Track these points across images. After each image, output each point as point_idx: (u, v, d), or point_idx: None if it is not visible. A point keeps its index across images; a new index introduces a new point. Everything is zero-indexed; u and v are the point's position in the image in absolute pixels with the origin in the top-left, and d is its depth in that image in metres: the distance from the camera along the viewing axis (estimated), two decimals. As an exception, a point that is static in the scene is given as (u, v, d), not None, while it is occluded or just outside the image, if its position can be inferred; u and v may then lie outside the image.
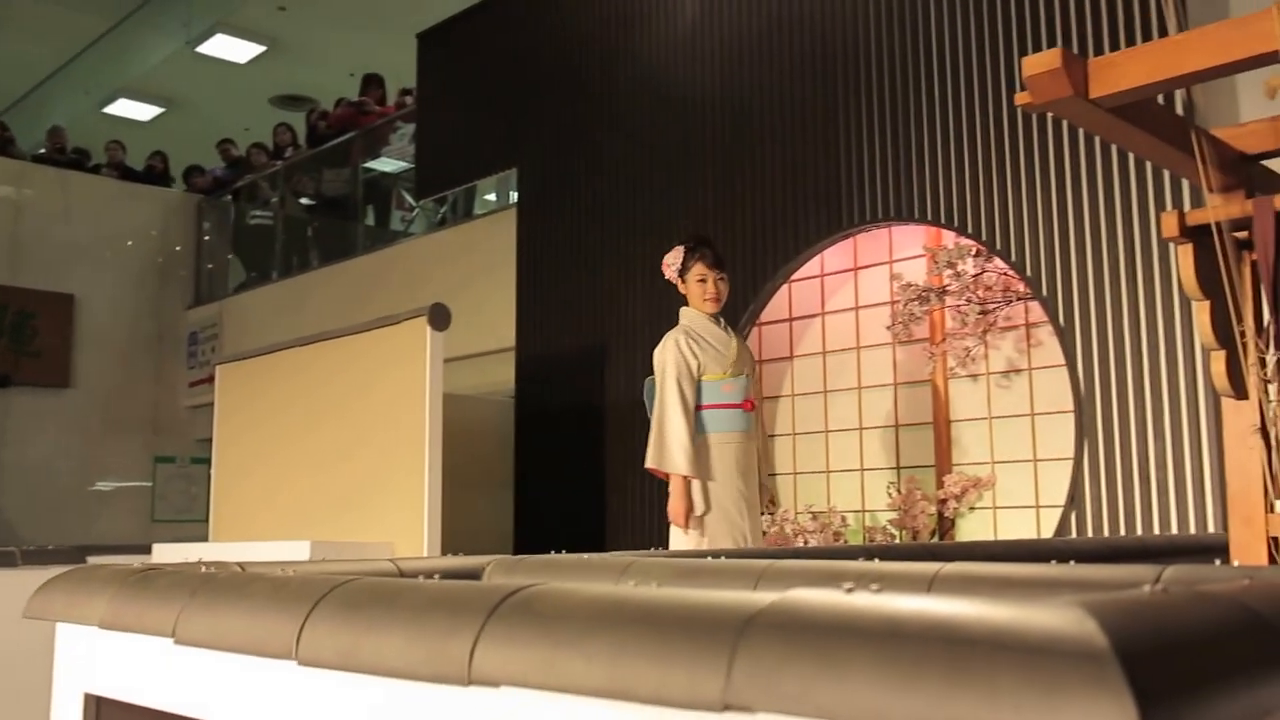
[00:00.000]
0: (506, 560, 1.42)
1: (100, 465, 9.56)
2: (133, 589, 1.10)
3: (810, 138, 4.85)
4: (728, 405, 3.94)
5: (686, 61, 5.42)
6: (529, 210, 6.15)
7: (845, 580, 0.96)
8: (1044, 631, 0.43)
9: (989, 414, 4.46)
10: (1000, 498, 4.40)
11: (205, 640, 0.95)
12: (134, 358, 9.76)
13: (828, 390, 4.99)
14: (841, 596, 0.52)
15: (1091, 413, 3.92)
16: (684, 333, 3.98)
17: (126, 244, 9.95)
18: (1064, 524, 3.98)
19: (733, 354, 3.99)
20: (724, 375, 3.95)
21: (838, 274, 5.03)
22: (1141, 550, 2.68)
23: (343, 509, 4.50)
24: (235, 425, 5.35)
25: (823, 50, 4.85)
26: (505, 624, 0.65)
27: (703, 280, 3.97)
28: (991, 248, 4.25)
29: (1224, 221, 2.16)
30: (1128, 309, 3.88)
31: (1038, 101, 1.96)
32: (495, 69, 6.50)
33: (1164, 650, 0.44)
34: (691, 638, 0.53)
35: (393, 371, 4.35)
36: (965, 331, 4.48)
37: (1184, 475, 3.69)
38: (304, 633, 0.81)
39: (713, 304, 3.98)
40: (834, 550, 1.82)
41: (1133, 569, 1.04)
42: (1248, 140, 2.45)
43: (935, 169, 4.41)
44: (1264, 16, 1.88)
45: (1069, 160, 4.06)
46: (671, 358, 3.93)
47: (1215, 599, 0.52)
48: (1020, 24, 4.21)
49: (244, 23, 10.64)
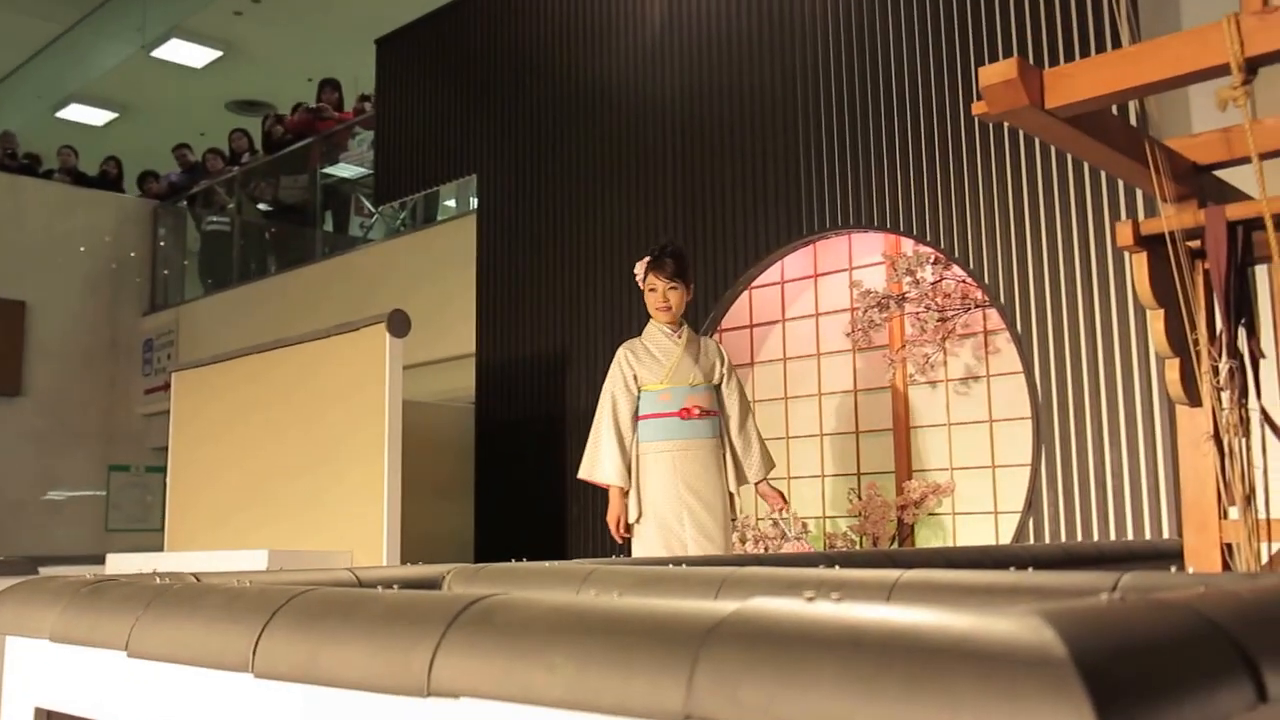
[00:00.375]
0: (467, 569, 1.41)
1: (52, 474, 9.41)
2: (84, 601, 1.08)
3: (770, 145, 4.88)
4: (662, 414, 3.97)
5: (647, 69, 5.43)
6: (489, 216, 6.13)
7: (806, 588, 0.96)
8: (1003, 640, 0.43)
9: (948, 420, 4.50)
10: (959, 503, 4.44)
11: (159, 653, 0.93)
12: (87, 365, 9.62)
13: (789, 396, 5.02)
14: (803, 605, 0.52)
15: (1049, 419, 3.96)
16: (630, 345, 4.07)
17: (79, 250, 9.81)
18: (1022, 530, 4.02)
19: (672, 363, 4.00)
20: (660, 385, 3.99)
21: (798, 280, 5.05)
22: (1098, 556, 2.71)
23: (301, 517, 4.45)
24: (191, 433, 5.28)
25: (783, 58, 4.88)
26: (465, 634, 0.64)
27: (653, 290, 4.01)
28: (950, 255, 4.30)
29: (1177, 231, 2.20)
30: (1084, 317, 3.93)
31: (994, 111, 1.98)
32: (455, 75, 6.48)
33: (1121, 657, 0.44)
34: (653, 648, 0.53)
35: (352, 378, 4.31)
36: (924, 338, 4.52)
37: (1139, 481, 3.74)
38: (260, 644, 0.80)
39: (662, 313, 4.02)
40: (795, 557, 1.82)
41: (1090, 576, 1.05)
42: (1200, 150, 2.49)
43: (894, 177, 4.45)
44: (1216, 29, 1.91)
45: (1026, 169, 4.11)
46: (612, 370, 4.03)
47: (1171, 607, 0.53)
48: (977, 35, 4.26)
49: (200, 27, 10.52)
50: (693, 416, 3.96)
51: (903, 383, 4.64)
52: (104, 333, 9.77)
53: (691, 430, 3.96)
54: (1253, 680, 0.52)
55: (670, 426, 3.96)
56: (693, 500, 3.91)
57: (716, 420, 4.02)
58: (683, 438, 3.95)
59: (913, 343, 4.58)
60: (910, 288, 4.56)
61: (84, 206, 9.94)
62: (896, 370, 4.63)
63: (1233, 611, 0.55)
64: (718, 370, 4.05)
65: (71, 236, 9.77)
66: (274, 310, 8.23)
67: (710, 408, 4.00)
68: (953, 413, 4.49)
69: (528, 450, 5.70)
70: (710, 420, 4.00)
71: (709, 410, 3.99)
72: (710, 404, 4.01)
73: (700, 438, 3.96)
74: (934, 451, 4.54)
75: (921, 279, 4.52)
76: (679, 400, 3.97)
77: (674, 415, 3.96)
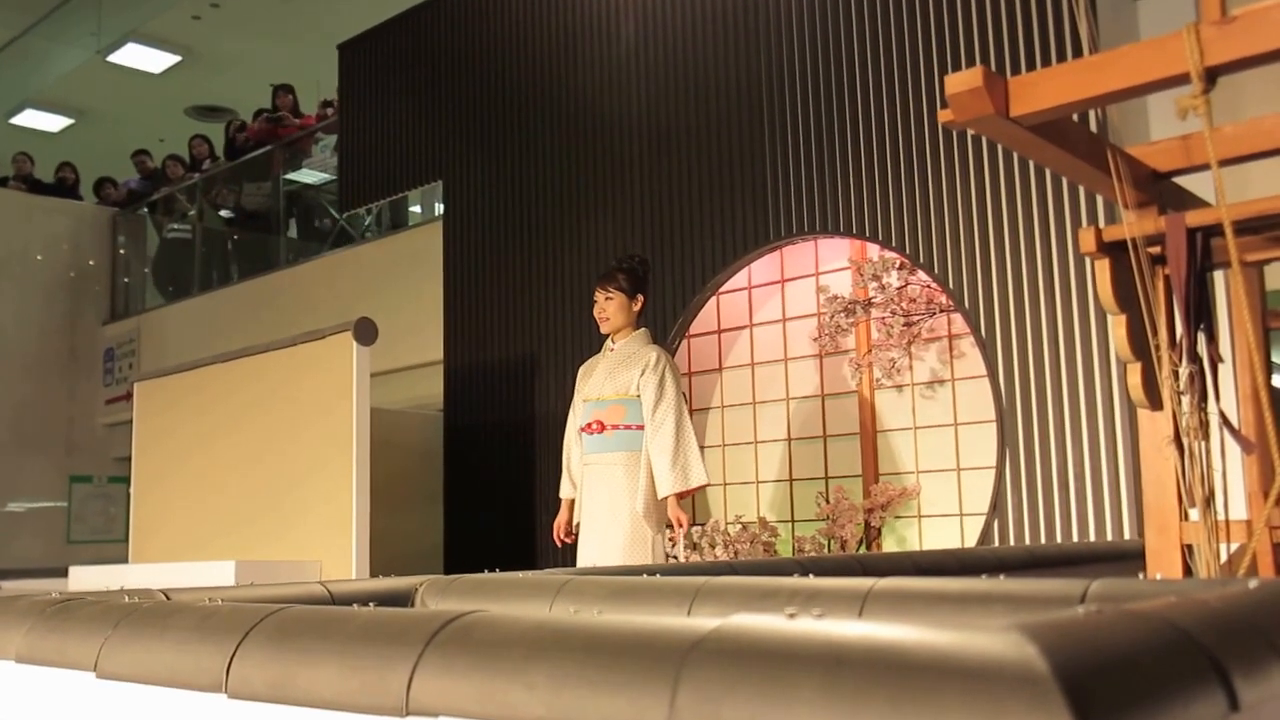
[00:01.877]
0: (439, 581, 1.41)
1: (12, 486, 9.26)
2: (51, 621, 1.06)
3: (737, 151, 4.89)
4: (582, 430, 4.03)
5: (615, 75, 5.44)
6: (455, 223, 6.11)
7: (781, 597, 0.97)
8: (986, 656, 0.44)
9: (914, 424, 4.53)
10: (925, 506, 4.47)
11: (130, 674, 0.92)
12: (46, 374, 9.48)
13: (756, 401, 5.03)
14: (784, 623, 0.52)
15: (1013, 423, 4.00)
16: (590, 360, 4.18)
17: (37, 259, 9.66)
18: (987, 531, 4.05)
19: (599, 377, 4.03)
20: (585, 400, 4.07)
21: (765, 286, 5.07)
22: (1063, 558, 2.75)
23: (268, 528, 4.41)
24: (155, 444, 5.22)
25: (749, 65, 4.90)
26: (443, 653, 0.64)
27: (595, 302, 4.08)
28: (915, 261, 4.33)
29: (1138, 238, 2.23)
30: (1047, 321, 3.98)
31: (960, 119, 2.00)
32: (419, 80, 6.45)
33: (1101, 671, 0.44)
34: (634, 666, 0.53)
35: (318, 386, 4.28)
36: (890, 343, 4.55)
37: (1101, 483, 3.79)
38: (234, 664, 0.79)
39: (602, 325, 4.07)
40: (766, 564, 1.83)
41: (1060, 583, 1.07)
42: (1159, 158, 2.52)
43: (860, 183, 4.47)
44: (1176, 38, 1.94)
45: (990, 176, 4.15)
46: None
47: (1145, 618, 0.54)
48: (940, 42, 4.30)
49: (158, 32, 10.40)
50: (592, 432, 3.97)
51: (869, 387, 4.67)
52: (64, 342, 9.64)
53: (593, 445, 3.98)
54: (1225, 690, 0.53)
55: (585, 441, 4.03)
56: (586, 517, 3.95)
57: (626, 435, 3.93)
58: (592, 451, 3.99)
59: (879, 347, 4.61)
60: (876, 293, 4.59)
61: (41, 214, 9.80)
62: (863, 375, 4.66)
63: (1204, 621, 0.56)
64: (635, 382, 3.94)
65: (29, 245, 9.63)
66: (238, 318, 8.15)
67: (618, 422, 3.95)
68: (918, 416, 4.53)
69: (496, 457, 5.68)
70: (615, 435, 3.93)
71: (614, 425, 3.94)
72: (620, 419, 3.95)
73: (600, 452, 3.96)
74: (900, 455, 4.57)
75: (887, 284, 4.55)
76: (587, 415, 4.02)
77: (584, 430, 4.03)
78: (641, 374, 3.93)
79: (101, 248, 10.04)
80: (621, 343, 4.04)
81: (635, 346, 4.03)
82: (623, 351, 4.02)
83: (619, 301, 3.99)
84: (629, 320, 4.03)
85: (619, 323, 4.01)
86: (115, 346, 9.59)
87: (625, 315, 4.01)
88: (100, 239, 10.05)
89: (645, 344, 4.05)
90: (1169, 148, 2.52)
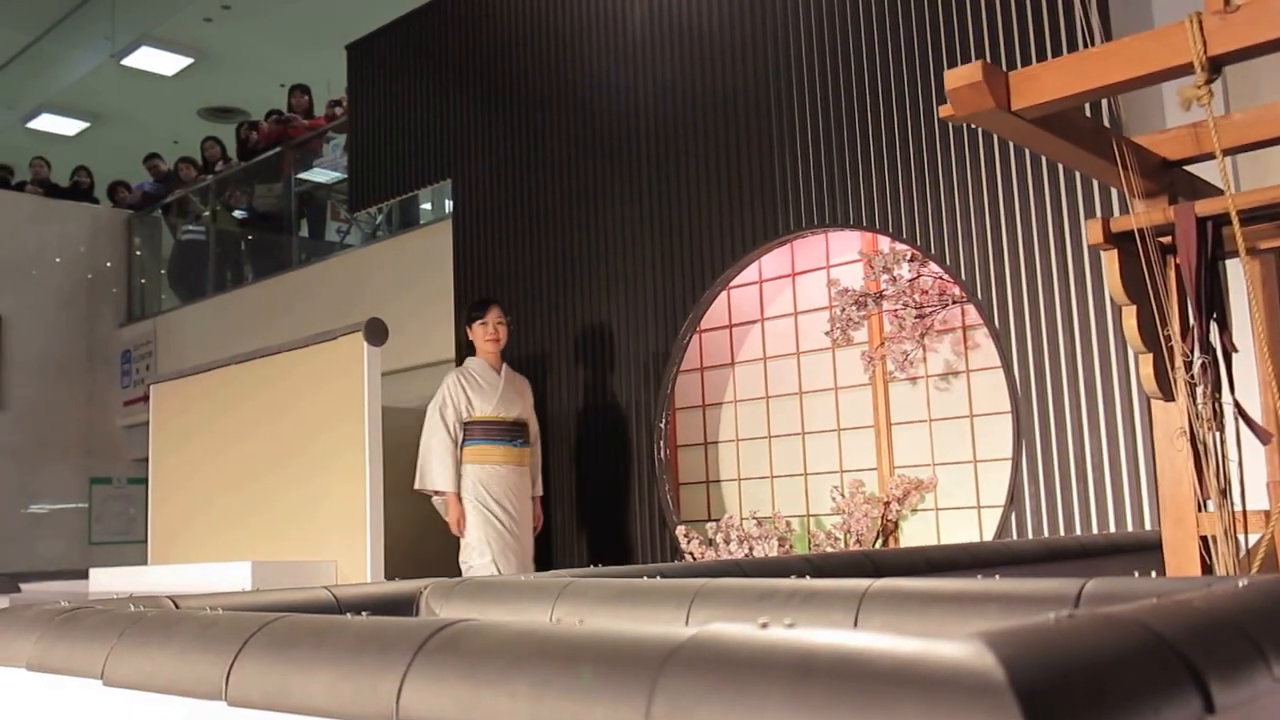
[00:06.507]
0: (443, 584, 1.42)
1: (33, 488, 9.35)
2: (60, 629, 1.08)
3: (747, 145, 4.89)
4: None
5: (622, 71, 5.43)
6: (465, 220, 6.12)
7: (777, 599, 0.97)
8: (946, 665, 0.44)
9: (928, 416, 4.52)
10: (942, 499, 4.46)
11: (135, 681, 0.93)
12: (65, 377, 9.56)
13: (769, 396, 5.03)
14: (755, 632, 0.53)
15: (1029, 413, 3.99)
16: None
17: (54, 262, 9.74)
18: (1004, 524, 4.04)
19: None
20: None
21: (776, 280, 5.07)
22: (1080, 550, 2.73)
23: (284, 528, 4.44)
24: (172, 445, 5.26)
25: (758, 58, 4.89)
26: (431, 662, 0.65)
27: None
28: (926, 252, 4.32)
29: (1148, 228, 2.21)
30: (1061, 310, 3.96)
31: (960, 114, 2.00)
32: (427, 79, 6.46)
33: (1060, 680, 0.45)
34: (611, 675, 0.54)
35: (330, 387, 4.31)
36: (903, 335, 4.54)
37: (1120, 473, 3.77)
38: (233, 673, 0.81)
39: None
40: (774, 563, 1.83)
41: (1055, 583, 1.07)
42: (1169, 146, 2.51)
43: (870, 175, 4.46)
44: (1179, 29, 1.93)
45: (1001, 165, 4.13)
46: None
47: (1117, 622, 0.54)
48: (950, 34, 4.28)
49: (170, 34, 10.46)
50: None
51: (882, 380, 4.66)
52: (81, 344, 9.72)
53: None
54: (1199, 692, 0.53)
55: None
56: None
57: None
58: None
59: (891, 340, 4.60)
60: (888, 285, 4.58)
61: (58, 218, 9.88)
62: (876, 367, 4.65)
63: (1181, 623, 0.56)
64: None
65: (46, 248, 9.71)
66: (252, 318, 8.20)
67: None
68: (933, 409, 4.52)
69: (510, 454, 5.68)
70: None
71: None
72: None
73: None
74: (915, 448, 4.56)
75: (899, 276, 4.53)
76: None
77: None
78: None
79: (117, 250, 10.11)
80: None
81: None
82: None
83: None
84: None
85: None
86: (132, 348, 9.66)
87: None
88: (116, 242, 10.12)
89: None
90: (1179, 136, 2.50)
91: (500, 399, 4.77)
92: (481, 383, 4.78)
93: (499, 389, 4.79)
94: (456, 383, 4.75)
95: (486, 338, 4.85)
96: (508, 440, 4.74)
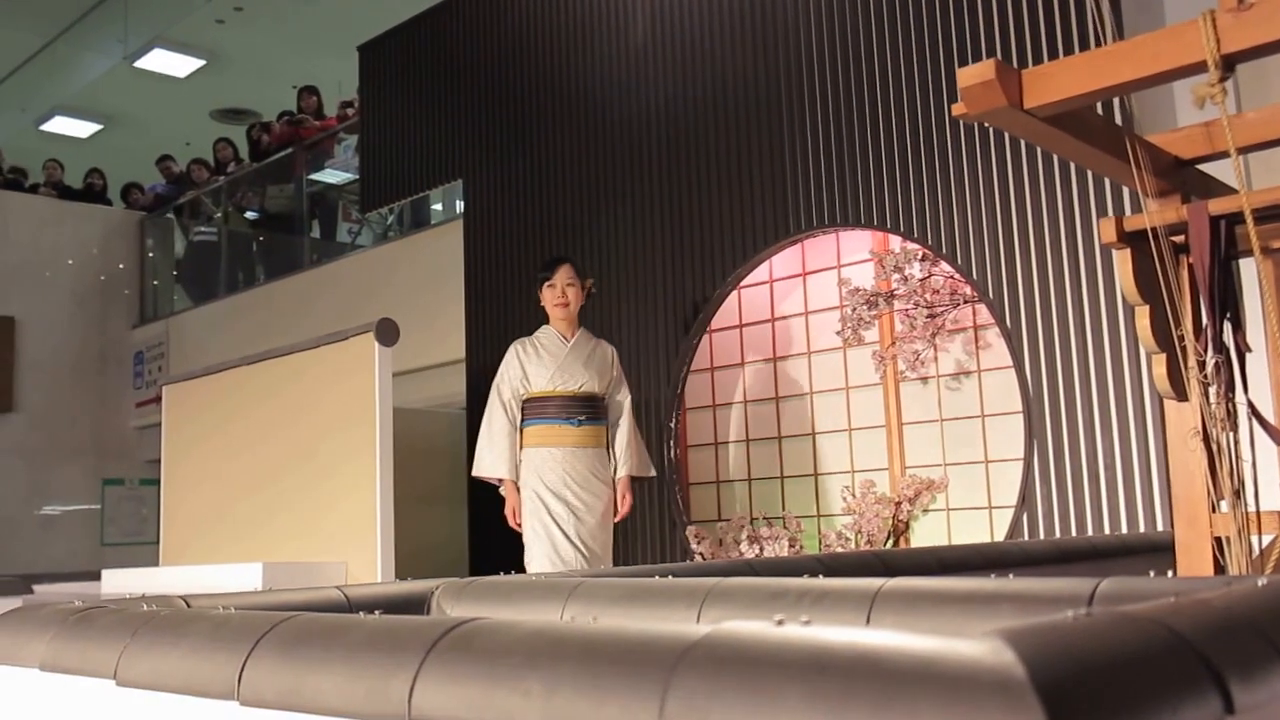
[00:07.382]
0: (455, 584, 1.42)
1: (46, 490, 9.39)
2: (73, 629, 1.08)
3: (757, 145, 4.88)
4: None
5: (633, 71, 5.43)
6: (476, 221, 6.13)
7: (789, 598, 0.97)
8: (965, 663, 0.44)
9: (940, 416, 4.51)
10: (953, 499, 4.44)
11: (148, 681, 0.93)
12: (78, 379, 9.60)
13: (779, 396, 5.02)
14: (771, 630, 0.52)
15: (1040, 413, 3.97)
16: None
17: (67, 264, 9.79)
18: (1016, 524, 4.02)
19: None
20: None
21: (787, 279, 5.06)
22: (1092, 551, 2.72)
23: (295, 529, 4.45)
24: (183, 446, 5.27)
25: (768, 58, 4.88)
26: (443, 661, 0.65)
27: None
28: (938, 252, 4.30)
29: (1161, 227, 2.20)
30: (1073, 309, 3.94)
31: (973, 112, 1.99)
32: (438, 80, 6.47)
33: (1081, 677, 0.44)
34: (625, 673, 0.54)
35: (342, 388, 4.31)
36: (914, 335, 4.53)
37: (1132, 473, 3.75)
38: (245, 672, 0.81)
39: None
40: (785, 563, 1.83)
41: (1069, 583, 1.06)
42: (1182, 145, 2.49)
43: (881, 175, 4.45)
44: (1192, 26, 1.92)
45: (1012, 164, 4.12)
46: None
47: (1136, 621, 0.53)
48: (962, 33, 4.27)
49: (183, 36, 10.50)
50: None
51: (894, 379, 4.65)
52: (94, 346, 9.75)
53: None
54: (1219, 692, 0.52)
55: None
56: None
57: None
58: None
59: (902, 339, 4.58)
60: (899, 284, 4.57)
61: (71, 220, 9.93)
62: (887, 367, 4.64)
63: (1201, 623, 0.56)
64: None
65: (59, 250, 9.75)
66: (264, 319, 8.22)
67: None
68: (944, 408, 4.50)
69: (521, 455, 5.69)
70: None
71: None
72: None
73: None
74: (927, 448, 4.55)
75: (910, 276, 4.52)
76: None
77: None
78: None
79: (130, 252, 10.15)
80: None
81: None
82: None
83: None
84: None
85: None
86: (144, 349, 9.70)
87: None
88: (129, 243, 10.16)
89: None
90: (1192, 135, 2.49)
91: (560, 370, 4.18)
92: (543, 352, 4.24)
93: (560, 359, 4.22)
94: (514, 354, 4.25)
95: (555, 301, 4.28)
96: (563, 419, 4.13)
